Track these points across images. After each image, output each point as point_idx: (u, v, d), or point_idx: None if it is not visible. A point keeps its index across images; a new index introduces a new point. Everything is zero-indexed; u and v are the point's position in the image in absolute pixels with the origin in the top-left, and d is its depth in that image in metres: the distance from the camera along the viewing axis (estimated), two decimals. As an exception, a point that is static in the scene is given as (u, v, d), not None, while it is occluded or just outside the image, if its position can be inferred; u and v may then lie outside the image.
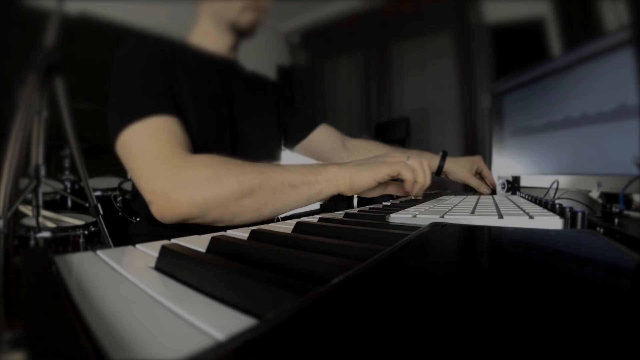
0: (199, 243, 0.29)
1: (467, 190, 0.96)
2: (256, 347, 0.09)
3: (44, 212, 1.13)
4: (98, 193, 1.37)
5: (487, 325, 0.10)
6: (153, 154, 0.46)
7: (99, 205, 1.11)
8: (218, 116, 0.60)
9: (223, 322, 0.14)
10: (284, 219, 0.59)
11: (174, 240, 0.30)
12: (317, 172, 0.46)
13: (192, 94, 0.56)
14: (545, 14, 1.26)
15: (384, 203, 0.65)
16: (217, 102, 0.60)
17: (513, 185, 0.80)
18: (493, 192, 0.84)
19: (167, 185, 0.44)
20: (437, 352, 0.08)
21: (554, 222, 0.30)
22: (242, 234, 0.33)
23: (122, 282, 0.19)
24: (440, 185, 1.23)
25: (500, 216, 0.33)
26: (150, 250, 0.26)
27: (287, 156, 0.83)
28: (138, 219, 0.63)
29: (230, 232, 0.36)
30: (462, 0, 2.08)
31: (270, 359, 0.08)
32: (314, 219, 0.43)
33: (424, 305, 0.12)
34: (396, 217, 0.37)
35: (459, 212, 0.37)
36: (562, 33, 1.19)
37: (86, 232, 1.17)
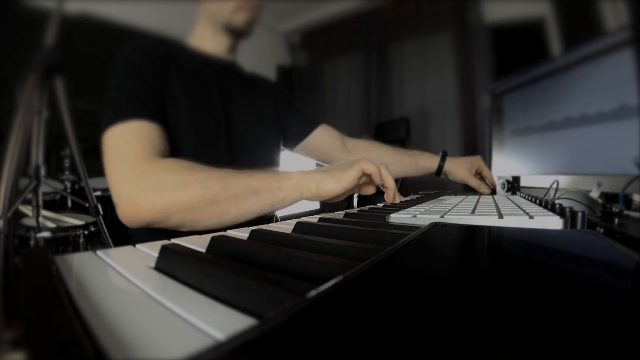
0: (199, 243, 0.29)
1: (467, 190, 0.96)
2: (256, 347, 0.09)
3: (44, 212, 1.13)
4: (98, 193, 1.37)
5: (487, 325, 0.10)
6: (125, 157, 0.46)
7: (99, 205, 1.12)
8: (213, 119, 0.60)
9: (223, 322, 0.14)
10: (284, 219, 0.59)
11: (174, 240, 0.30)
12: (281, 179, 0.45)
13: (187, 98, 0.56)
14: (545, 14, 1.25)
15: (384, 203, 0.65)
16: (212, 104, 0.60)
17: (513, 185, 0.80)
18: (493, 192, 0.84)
19: (132, 189, 0.44)
20: (437, 352, 0.08)
21: (554, 222, 0.30)
22: (242, 234, 0.33)
23: (122, 282, 0.19)
24: (440, 185, 1.23)
25: (500, 216, 0.33)
26: (150, 250, 0.26)
27: (287, 157, 0.83)
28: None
29: (230, 232, 0.36)
30: (462, 0, 2.08)
31: (270, 359, 0.08)
32: (314, 219, 0.43)
33: (424, 306, 0.12)
34: (396, 217, 0.37)
35: (459, 212, 0.37)
36: (562, 33, 1.19)
37: (86, 232, 1.17)
